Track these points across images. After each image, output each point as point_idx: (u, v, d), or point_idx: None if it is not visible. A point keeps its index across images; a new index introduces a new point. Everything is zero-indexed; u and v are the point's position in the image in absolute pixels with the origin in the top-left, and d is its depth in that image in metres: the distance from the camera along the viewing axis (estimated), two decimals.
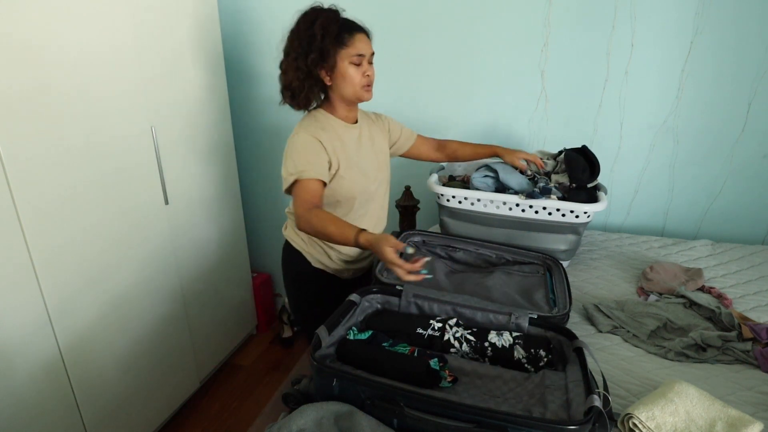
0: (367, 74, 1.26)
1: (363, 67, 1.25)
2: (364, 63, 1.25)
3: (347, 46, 1.22)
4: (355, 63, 1.23)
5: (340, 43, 1.22)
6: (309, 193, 1.21)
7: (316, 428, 0.74)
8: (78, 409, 1.47)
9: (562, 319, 1.04)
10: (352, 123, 1.36)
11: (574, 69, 1.75)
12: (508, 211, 1.41)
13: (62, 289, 1.39)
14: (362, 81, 1.26)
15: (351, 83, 1.25)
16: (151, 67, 1.61)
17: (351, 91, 1.27)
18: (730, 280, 1.42)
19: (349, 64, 1.23)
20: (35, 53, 1.24)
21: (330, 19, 1.21)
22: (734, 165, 1.72)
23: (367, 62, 1.26)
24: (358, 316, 1.03)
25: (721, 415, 0.82)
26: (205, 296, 2.04)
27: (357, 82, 1.25)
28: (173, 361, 1.88)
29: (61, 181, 1.35)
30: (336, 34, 1.21)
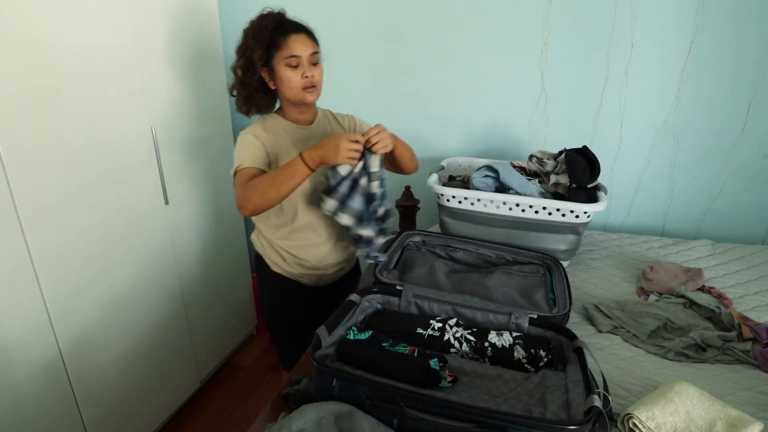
0: (307, 75, 1.21)
1: (302, 68, 1.21)
2: (302, 64, 1.21)
3: (280, 49, 1.20)
4: (291, 65, 1.20)
5: (274, 47, 1.20)
6: (245, 177, 1.17)
7: (316, 428, 0.74)
8: (78, 409, 1.47)
9: (562, 319, 1.04)
10: (307, 124, 1.34)
11: (574, 69, 1.75)
12: (508, 211, 1.41)
13: (62, 289, 1.39)
14: (302, 83, 1.22)
15: (289, 86, 1.22)
16: (150, 66, 1.61)
17: (291, 94, 1.24)
18: (730, 280, 1.42)
19: (285, 67, 1.20)
20: (35, 53, 1.24)
21: (263, 24, 1.21)
22: (734, 165, 1.72)
23: (307, 63, 1.21)
24: (358, 316, 1.03)
25: (721, 415, 0.82)
26: (205, 296, 2.04)
27: (295, 85, 1.22)
28: (173, 361, 1.88)
29: (61, 181, 1.35)
30: (268, 38, 1.20)
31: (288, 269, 1.39)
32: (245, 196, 1.14)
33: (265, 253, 1.40)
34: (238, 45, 1.25)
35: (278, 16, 1.24)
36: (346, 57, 1.97)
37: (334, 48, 1.97)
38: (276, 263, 1.39)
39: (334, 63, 1.99)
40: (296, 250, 1.35)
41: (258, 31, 1.20)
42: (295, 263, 1.38)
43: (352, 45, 1.95)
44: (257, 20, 1.23)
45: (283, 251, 1.36)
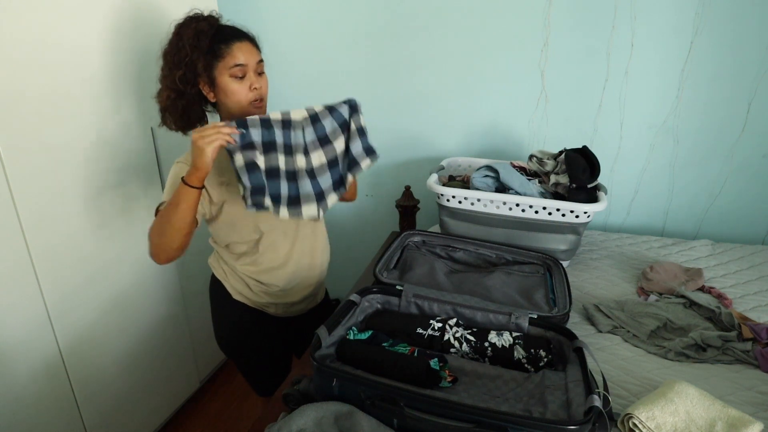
0: (255, 87, 1.09)
1: (248, 79, 1.08)
2: (249, 74, 1.08)
3: (223, 58, 1.06)
4: (237, 75, 1.07)
5: (215, 56, 1.05)
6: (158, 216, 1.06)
7: (316, 428, 0.74)
8: (78, 409, 1.47)
9: (562, 319, 1.04)
10: None
11: (574, 69, 1.75)
12: (508, 211, 1.41)
13: (62, 289, 1.39)
14: (249, 96, 1.09)
15: (235, 99, 1.08)
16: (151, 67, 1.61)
17: (237, 108, 1.09)
18: (730, 280, 1.42)
19: (229, 78, 1.06)
20: (35, 53, 1.24)
21: (199, 29, 1.05)
22: (734, 165, 1.72)
23: (254, 73, 1.09)
24: (358, 316, 1.03)
25: (721, 415, 0.82)
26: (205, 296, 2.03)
27: (243, 98, 1.08)
28: (173, 361, 1.88)
29: (61, 181, 1.35)
30: (208, 45, 1.05)
31: (253, 298, 1.27)
32: (150, 244, 1.02)
33: (226, 280, 1.28)
34: (167, 52, 1.08)
35: (213, 20, 1.09)
36: (345, 56, 1.97)
37: (333, 47, 1.98)
38: (239, 291, 1.27)
39: (333, 62, 2.01)
40: (262, 275, 1.23)
41: (195, 38, 1.04)
42: (262, 291, 1.26)
43: (351, 44, 1.95)
44: (190, 23, 1.06)
45: (248, 278, 1.24)
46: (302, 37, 1.96)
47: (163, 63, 1.09)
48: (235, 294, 1.28)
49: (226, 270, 1.28)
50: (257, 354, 1.35)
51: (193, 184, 0.98)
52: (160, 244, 1.02)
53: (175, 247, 1.03)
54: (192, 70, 1.06)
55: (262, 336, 1.33)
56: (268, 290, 1.26)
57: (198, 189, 0.99)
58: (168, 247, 1.03)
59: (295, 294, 1.30)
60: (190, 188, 0.98)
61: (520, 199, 1.39)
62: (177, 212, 0.99)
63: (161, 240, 1.02)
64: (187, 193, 0.98)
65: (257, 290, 1.26)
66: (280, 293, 1.28)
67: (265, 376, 1.36)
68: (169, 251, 1.04)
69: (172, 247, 1.03)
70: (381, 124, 2.05)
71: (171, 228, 1.00)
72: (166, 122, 1.14)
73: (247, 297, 1.28)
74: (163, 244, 1.02)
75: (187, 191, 0.98)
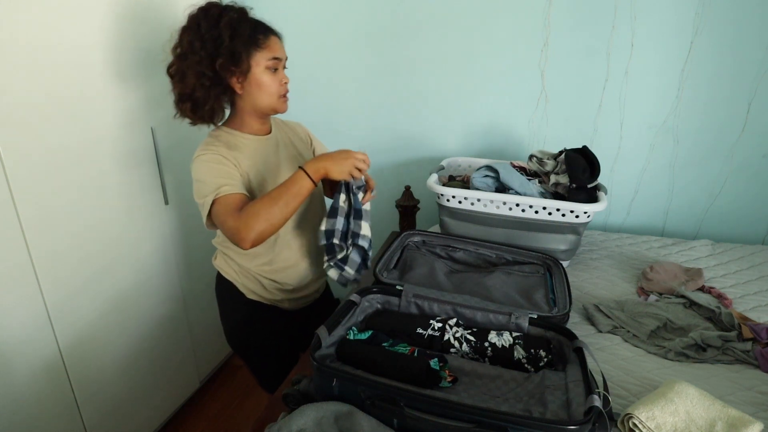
0: (284, 82, 1.12)
1: (280, 73, 1.11)
2: (280, 69, 1.11)
3: (262, 49, 1.07)
4: (271, 68, 1.09)
5: (255, 45, 1.06)
6: (233, 204, 1.02)
7: (316, 428, 0.74)
8: (78, 409, 1.47)
9: (562, 319, 1.04)
10: (266, 134, 1.21)
11: (574, 69, 1.75)
12: (508, 211, 1.41)
13: (62, 289, 1.39)
14: (279, 90, 1.11)
15: (267, 92, 1.10)
16: (150, 67, 1.61)
17: (267, 102, 1.11)
18: (730, 280, 1.42)
19: (264, 70, 1.08)
20: (36, 53, 1.24)
21: (239, 17, 1.05)
22: (734, 165, 1.72)
23: (282, 68, 1.12)
24: (358, 316, 1.03)
25: (721, 415, 0.82)
26: (205, 296, 2.04)
27: (274, 91, 1.11)
28: (173, 361, 1.88)
29: (61, 181, 1.35)
30: (248, 34, 1.05)
31: (268, 295, 1.27)
32: (246, 226, 0.98)
33: (236, 280, 1.27)
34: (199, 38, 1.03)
35: (243, 11, 1.08)
36: (345, 56, 1.97)
37: (333, 46, 1.98)
38: (253, 290, 1.27)
39: (333, 62, 2.01)
40: (277, 274, 1.24)
41: (233, 26, 1.03)
42: (276, 289, 1.26)
43: (351, 44, 1.95)
44: (222, 12, 1.04)
45: (263, 278, 1.24)
46: (302, 37, 1.96)
47: (187, 49, 1.05)
48: (248, 293, 1.27)
49: (237, 270, 1.26)
50: (268, 350, 1.35)
51: (316, 179, 1.03)
52: (264, 229, 1.00)
53: (275, 231, 1.03)
54: (231, 57, 1.04)
55: (273, 332, 1.33)
56: (283, 287, 1.27)
57: (315, 185, 1.04)
58: (269, 232, 1.01)
59: (308, 288, 1.33)
60: (310, 181, 1.02)
61: (520, 199, 1.39)
62: (294, 200, 1.01)
63: (267, 225, 1.00)
64: (307, 186, 1.02)
65: (272, 288, 1.26)
66: (294, 290, 1.29)
67: (275, 372, 1.37)
68: (267, 235, 1.02)
69: (272, 232, 1.02)
70: (381, 124, 2.05)
71: (282, 215, 1.01)
72: (184, 110, 1.11)
73: (262, 295, 1.28)
74: (267, 229, 1.00)
75: (308, 184, 1.02)
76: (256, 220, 0.99)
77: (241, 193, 1.06)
